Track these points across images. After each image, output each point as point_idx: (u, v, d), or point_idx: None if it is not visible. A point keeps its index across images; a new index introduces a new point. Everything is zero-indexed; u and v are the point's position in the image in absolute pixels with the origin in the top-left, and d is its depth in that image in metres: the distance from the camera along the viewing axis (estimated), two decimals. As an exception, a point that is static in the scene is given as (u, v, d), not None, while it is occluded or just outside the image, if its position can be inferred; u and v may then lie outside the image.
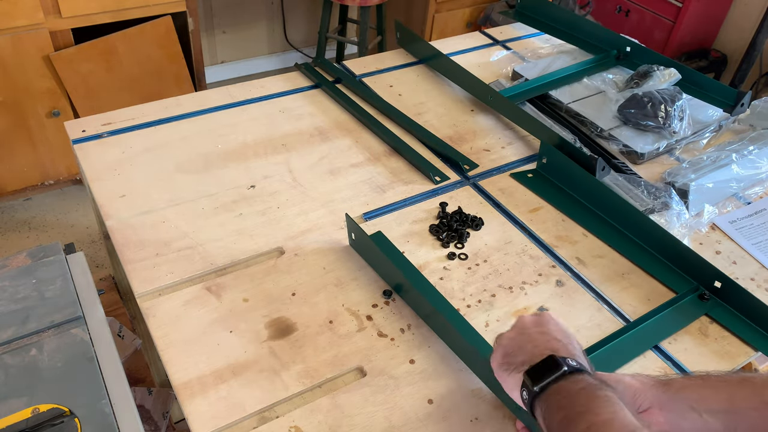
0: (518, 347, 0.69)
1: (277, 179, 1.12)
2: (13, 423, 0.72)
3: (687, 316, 0.95)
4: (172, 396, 1.17)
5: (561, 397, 0.60)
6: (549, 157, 1.17)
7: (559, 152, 1.15)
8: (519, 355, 0.68)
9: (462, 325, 0.89)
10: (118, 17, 1.98)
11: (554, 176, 1.18)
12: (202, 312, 0.88)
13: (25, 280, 0.89)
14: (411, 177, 1.16)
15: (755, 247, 1.09)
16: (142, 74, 2.14)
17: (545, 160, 1.18)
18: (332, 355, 0.84)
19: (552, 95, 1.38)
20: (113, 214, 1.02)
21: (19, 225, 2.26)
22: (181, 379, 0.80)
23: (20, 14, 1.81)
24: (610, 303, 0.97)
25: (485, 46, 1.61)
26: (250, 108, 1.29)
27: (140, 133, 1.19)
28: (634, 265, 1.03)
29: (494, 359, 0.71)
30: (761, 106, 1.36)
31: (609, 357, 0.88)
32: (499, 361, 0.70)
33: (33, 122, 2.03)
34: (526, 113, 1.28)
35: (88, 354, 0.80)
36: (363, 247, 0.98)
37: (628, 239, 1.07)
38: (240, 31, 2.97)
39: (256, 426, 0.76)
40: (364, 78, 1.43)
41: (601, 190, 1.10)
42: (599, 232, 1.08)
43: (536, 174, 1.19)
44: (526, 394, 0.63)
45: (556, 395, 0.60)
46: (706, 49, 2.89)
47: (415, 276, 0.96)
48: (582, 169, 1.12)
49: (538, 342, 0.67)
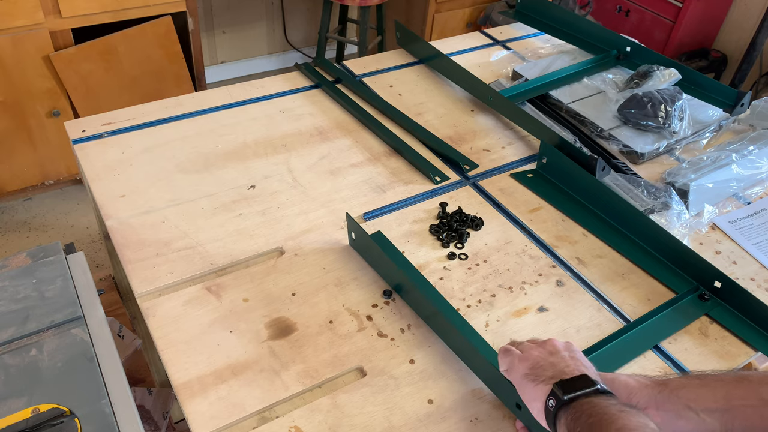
0: (550, 364, 0.71)
1: (277, 179, 1.12)
2: (13, 423, 0.72)
3: (687, 316, 0.95)
4: (172, 396, 1.17)
5: (591, 407, 0.62)
6: (549, 157, 1.17)
7: (559, 152, 1.15)
8: (549, 370, 0.70)
9: (462, 326, 0.89)
10: (118, 17, 1.98)
11: (554, 176, 1.18)
12: (202, 312, 0.88)
13: (25, 280, 0.89)
14: (411, 177, 1.16)
15: (755, 247, 1.09)
16: (142, 74, 2.14)
17: (545, 160, 1.18)
18: (332, 355, 0.84)
19: (552, 95, 1.38)
20: (113, 214, 1.02)
21: (19, 225, 2.26)
22: (181, 379, 0.80)
23: (20, 14, 1.81)
24: (610, 303, 0.97)
25: (485, 46, 1.61)
26: (250, 108, 1.29)
27: (140, 133, 1.19)
28: (634, 265, 1.03)
29: (518, 369, 0.73)
30: (761, 106, 1.36)
31: (609, 357, 0.88)
32: (525, 372, 0.72)
33: (33, 122, 2.03)
34: (526, 113, 1.28)
35: (88, 354, 0.80)
36: (363, 247, 0.98)
37: (628, 239, 1.07)
38: (240, 31, 2.97)
39: (256, 426, 0.76)
40: (364, 78, 1.43)
41: (601, 190, 1.10)
42: (599, 231, 1.08)
43: (536, 174, 1.19)
44: (553, 402, 0.66)
45: (586, 405, 0.63)
46: (706, 49, 2.89)
47: (416, 276, 0.96)
48: (582, 169, 1.12)
49: (570, 364, 0.70)
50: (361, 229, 0.95)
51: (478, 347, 0.82)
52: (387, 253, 0.93)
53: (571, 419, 0.62)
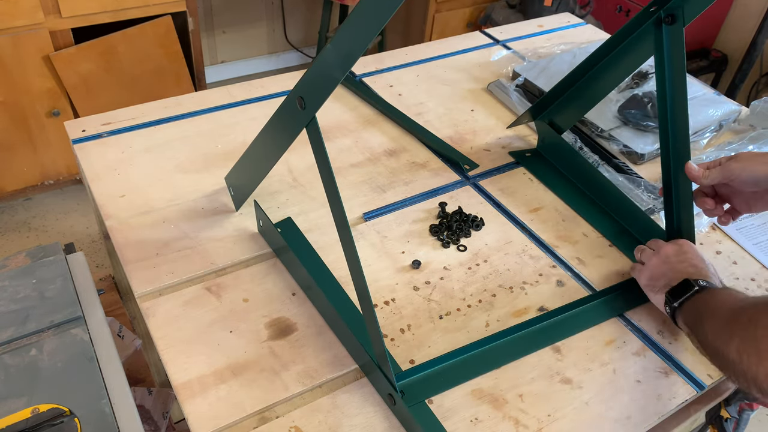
0: (661, 274, 0.89)
1: (277, 179, 1.12)
2: (13, 423, 0.72)
3: None
4: (172, 396, 1.17)
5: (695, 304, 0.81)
6: (546, 138, 1.21)
7: (554, 132, 1.18)
8: (662, 279, 0.88)
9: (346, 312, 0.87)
10: (118, 17, 1.99)
11: (551, 156, 1.21)
12: (202, 312, 0.88)
13: (25, 280, 0.89)
14: (411, 177, 1.16)
15: (756, 247, 1.09)
16: (142, 74, 2.14)
17: (544, 140, 1.22)
18: (332, 355, 0.84)
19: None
20: (113, 214, 1.02)
21: (19, 225, 2.26)
22: (181, 379, 0.80)
23: (20, 14, 1.81)
24: (611, 303, 0.97)
25: (485, 46, 1.61)
26: (250, 108, 1.29)
27: (140, 132, 1.19)
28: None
29: (641, 278, 0.93)
30: (761, 106, 1.36)
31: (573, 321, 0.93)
32: (645, 283, 0.91)
33: (33, 122, 2.03)
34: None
35: (88, 354, 0.80)
36: (271, 237, 0.98)
37: (610, 218, 1.11)
38: (240, 31, 2.97)
39: (256, 426, 0.76)
40: (364, 78, 1.43)
41: (590, 171, 1.13)
42: (585, 212, 1.12)
43: (534, 153, 1.24)
44: (668, 309, 0.85)
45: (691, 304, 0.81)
46: (707, 49, 2.89)
47: (324, 274, 0.94)
48: (571, 147, 1.17)
49: (678, 268, 0.88)
50: (268, 218, 0.96)
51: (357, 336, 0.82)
52: (294, 248, 0.93)
53: (686, 318, 0.82)
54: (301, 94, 0.77)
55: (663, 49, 0.97)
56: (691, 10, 0.93)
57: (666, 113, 0.97)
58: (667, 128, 0.97)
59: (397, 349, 0.86)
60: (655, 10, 0.96)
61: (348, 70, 0.70)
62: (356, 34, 0.67)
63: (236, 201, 1.04)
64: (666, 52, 0.96)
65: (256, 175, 0.96)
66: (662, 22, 0.95)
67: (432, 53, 1.55)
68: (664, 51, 0.96)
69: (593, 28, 1.73)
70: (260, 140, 0.91)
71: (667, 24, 0.95)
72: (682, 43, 0.94)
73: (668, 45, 0.96)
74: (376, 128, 1.27)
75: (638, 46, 1.01)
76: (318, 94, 0.74)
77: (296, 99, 0.77)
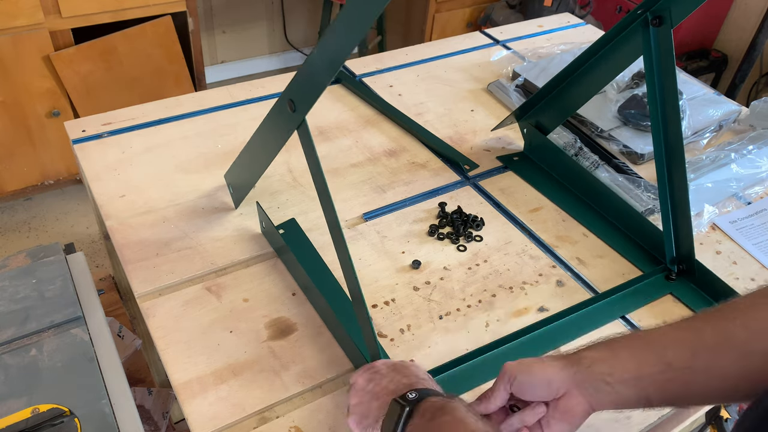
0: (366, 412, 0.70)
1: (277, 179, 1.12)
2: (12, 423, 0.72)
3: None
4: (172, 396, 1.17)
5: None
6: (533, 140, 1.21)
7: (541, 134, 1.18)
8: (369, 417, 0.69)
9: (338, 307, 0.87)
10: (118, 17, 1.98)
11: (539, 159, 1.22)
12: (202, 312, 0.88)
13: (25, 280, 0.89)
14: (411, 177, 1.16)
15: (756, 248, 1.09)
16: (142, 74, 2.14)
17: (531, 143, 1.22)
18: (332, 355, 0.84)
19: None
20: (113, 214, 1.02)
21: (19, 225, 2.26)
22: (181, 379, 0.80)
23: (20, 14, 1.81)
24: (611, 303, 0.97)
25: (485, 46, 1.61)
26: (250, 108, 1.29)
27: (140, 133, 1.19)
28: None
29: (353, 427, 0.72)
30: (761, 106, 1.36)
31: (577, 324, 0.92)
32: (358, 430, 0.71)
33: (33, 122, 2.03)
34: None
35: (88, 354, 0.80)
36: (273, 239, 0.98)
37: (604, 219, 1.11)
38: (240, 31, 2.97)
39: (256, 426, 0.76)
40: (364, 78, 1.43)
41: (578, 171, 1.14)
42: (577, 213, 1.12)
43: (522, 157, 1.24)
44: None
45: None
46: (707, 49, 2.89)
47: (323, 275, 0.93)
48: (561, 150, 1.17)
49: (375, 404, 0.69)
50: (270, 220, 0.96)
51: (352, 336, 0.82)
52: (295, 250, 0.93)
53: None
54: (291, 97, 0.77)
55: (651, 51, 0.95)
56: (678, 12, 0.91)
57: (657, 115, 0.96)
58: (660, 129, 0.96)
59: (396, 350, 0.86)
60: (642, 12, 0.94)
61: (335, 74, 0.70)
62: (341, 38, 0.67)
63: (235, 199, 1.04)
64: (654, 54, 0.95)
65: (253, 173, 0.97)
66: (649, 24, 0.94)
67: (432, 53, 1.55)
68: (653, 53, 0.95)
69: (593, 29, 1.73)
70: (255, 140, 0.92)
71: (655, 26, 0.94)
72: (671, 44, 0.93)
73: (656, 47, 0.95)
74: (376, 128, 1.27)
75: (626, 47, 1.00)
76: (307, 97, 0.75)
77: (286, 102, 0.77)
